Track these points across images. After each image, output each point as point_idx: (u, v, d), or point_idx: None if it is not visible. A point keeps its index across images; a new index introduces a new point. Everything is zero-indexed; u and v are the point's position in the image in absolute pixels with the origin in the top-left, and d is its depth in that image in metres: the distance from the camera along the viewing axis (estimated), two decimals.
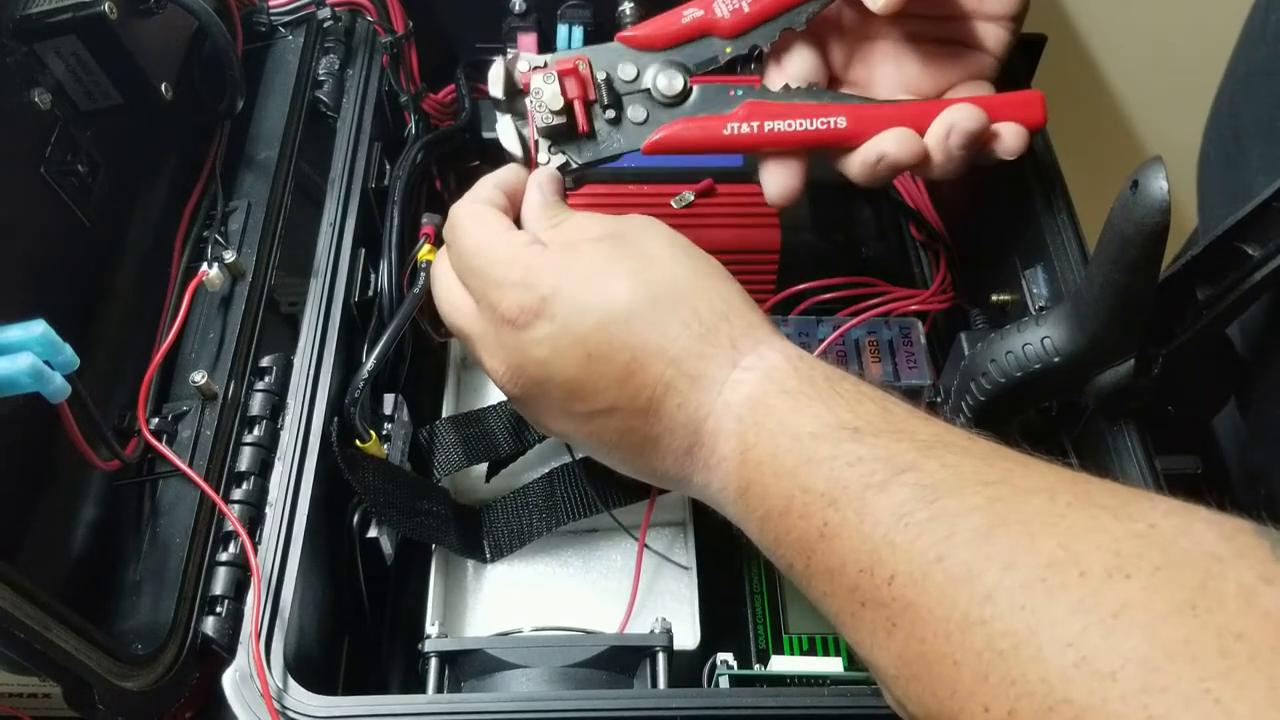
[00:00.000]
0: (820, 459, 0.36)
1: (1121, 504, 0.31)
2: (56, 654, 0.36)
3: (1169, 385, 0.44)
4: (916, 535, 0.32)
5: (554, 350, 0.41)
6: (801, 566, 0.36)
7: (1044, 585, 0.29)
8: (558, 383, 0.41)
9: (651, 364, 0.39)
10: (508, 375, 0.43)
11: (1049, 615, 0.29)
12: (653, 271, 0.41)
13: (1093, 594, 0.28)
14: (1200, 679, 0.26)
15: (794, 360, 0.39)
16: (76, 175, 0.49)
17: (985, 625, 0.30)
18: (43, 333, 0.36)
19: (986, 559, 0.30)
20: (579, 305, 0.40)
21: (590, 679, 0.44)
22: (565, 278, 0.41)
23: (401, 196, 0.56)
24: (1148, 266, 0.39)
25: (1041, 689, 0.28)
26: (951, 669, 0.30)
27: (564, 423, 0.43)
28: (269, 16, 0.62)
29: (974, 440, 0.35)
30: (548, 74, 0.47)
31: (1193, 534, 0.29)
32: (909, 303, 0.58)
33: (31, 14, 0.46)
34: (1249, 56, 0.53)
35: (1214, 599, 0.27)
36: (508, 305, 0.42)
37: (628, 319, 0.40)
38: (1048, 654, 0.28)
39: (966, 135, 0.47)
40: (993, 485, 0.33)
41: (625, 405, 0.40)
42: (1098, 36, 0.93)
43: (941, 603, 0.31)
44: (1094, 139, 0.95)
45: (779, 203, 0.49)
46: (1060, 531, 0.30)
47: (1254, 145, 0.50)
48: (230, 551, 0.44)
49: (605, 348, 0.40)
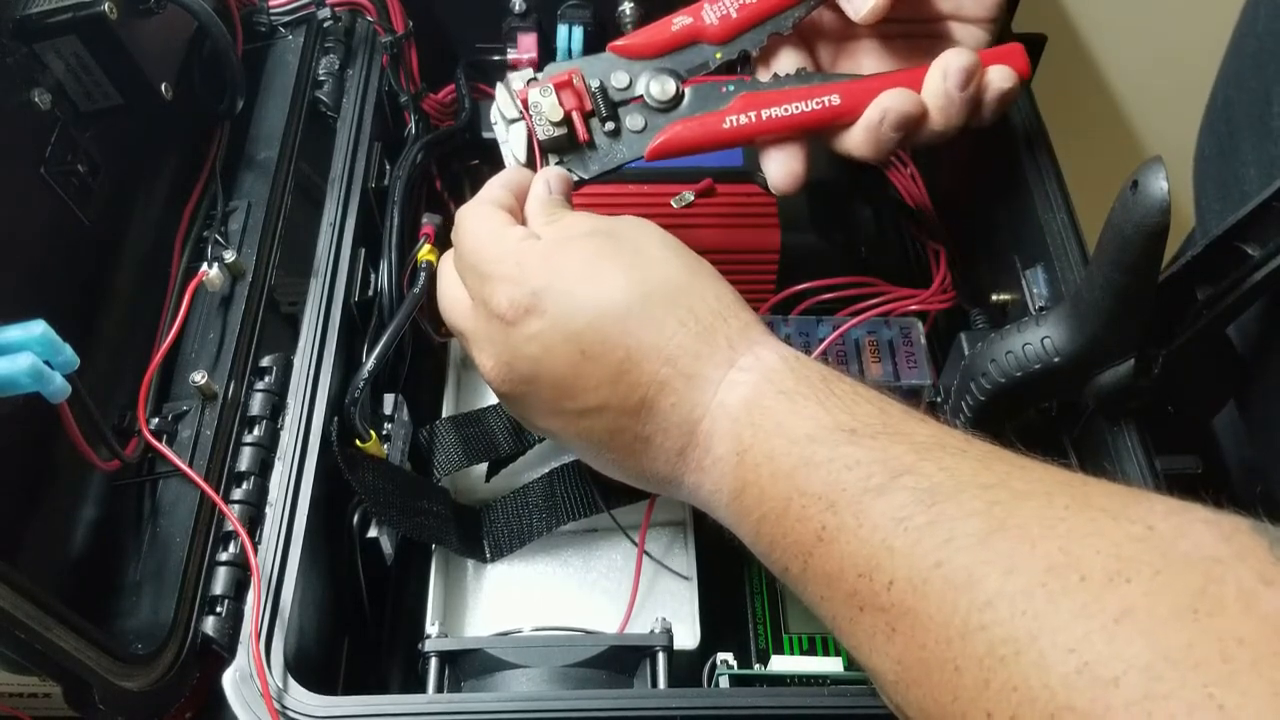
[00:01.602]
0: (818, 462, 0.35)
1: (1120, 506, 0.31)
2: (56, 654, 0.36)
3: (1169, 385, 0.44)
4: (916, 540, 0.32)
5: (545, 347, 0.40)
6: (798, 570, 0.36)
7: (1045, 590, 0.29)
8: (548, 380, 0.41)
9: (646, 362, 0.39)
10: (499, 372, 0.43)
11: (1050, 621, 0.28)
12: (647, 269, 0.41)
13: (1094, 599, 0.28)
14: (1203, 685, 0.25)
15: (790, 361, 0.39)
16: (76, 175, 0.49)
17: (986, 631, 0.29)
18: (43, 333, 0.36)
19: (986, 564, 0.30)
20: (571, 301, 0.40)
21: (590, 679, 0.44)
22: (557, 273, 0.41)
23: (401, 196, 0.56)
24: (1148, 266, 0.39)
25: (1044, 695, 0.28)
26: (953, 675, 0.30)
27: (554, 421, 0.43)
28: (269, 16, 0.62)
29: (971, 442, 0.35)
30: (544, 87, 0.48)
31: (1192, 536, 0.29)
32: (909, 303, 0.58)
33: (31, 14, 0.46)
34: (1240, 51, 0.53)
35: (1215, 603, 0.27)
36: (499, 300, 0.41)
37: (623, 316, 0.40)
38: (1050, 660, 0.28)
39: (962, 73, 0.47)
40: (991, 489, 0.32)
41: (617, 404, 0.40)
42: (1098, 36, 0.93)
43: (942, 608, 0.31)
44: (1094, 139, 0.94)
45: (784, 189, 0.49)
46: (1059, 535, 0.30)
47: (1245, 138, 0.50)
48: (230, 551, 0.44)
49: (598, 345, 0.40)
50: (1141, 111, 0.99)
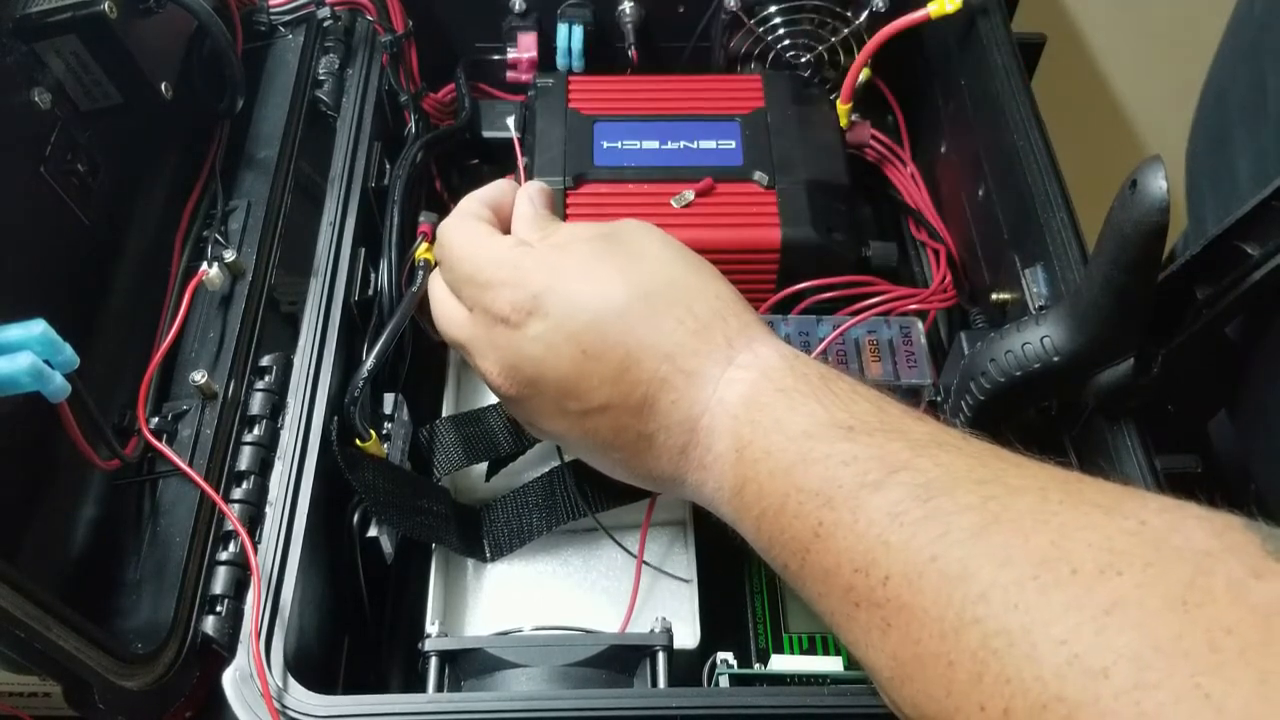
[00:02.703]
0: (815, 458, 0.35)
1: (1113, 502, 0.31)
2: (56, 653, 0.36)
3: (1168, 384, 0.44)
4: (911, 534, 0.32)
5: (548, 347, 0.41)
6: (796, 566, 0.36)
7: (1036, 583, 0.29)
8: (551, 380, 0.41)
9: (646, 360, 0.39)
10: (502, 375, 0.43)
11: (1042, 613, 0.29)
12: (646, 269, 0.41)
13: (1085, 591, 0.28)
14: (1191, 674, 0.26)
15: (789, 359, 0.39)
16: (76, 175, 0.49)
17: (980, 624, 0.30)
18: (42, 332, 0.36)
19: (980, 557, 0.30)
20: (572, 302, 0.40)
21: (590, 678, 0.44)
22: (557, 275, 0.41)
23: (401, 196, 0.56)
24: (1147, 266, 0.39)
25: (1035, 687, 0.28)
26: (946, 669, 0.30)
27: (558, 423, 0.43)
28: (269, 16, 0.62)
29: (967, 439, 0.35)
30: None
31: (1184, 530, 0.29)
32: (909, 302, 0.58)
33: (31, 13, 0.46)
34: (1235, 43, 0.53)
35: (1204, 594, 0.27)
36: (500, 304, 0.41)
37: (622, 315, 0.40)
38: (1041, 651, 0.28)
39: None
40: (986, 484, 0.33)
41: (619, 403, 0.40)
42: (1098, 36, 0.93)
43: (936, 602, 0.31)
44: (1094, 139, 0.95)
45: None
46: (1052, 529, 0.30)
47: (1237, 129, 0.50)
48: (230, 551, 0.44)
49: (599, 344, 0.40)
50: (1141, 111, 0.99)
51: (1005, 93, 0.58)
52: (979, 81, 0.60)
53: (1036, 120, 0.56)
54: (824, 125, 0.63)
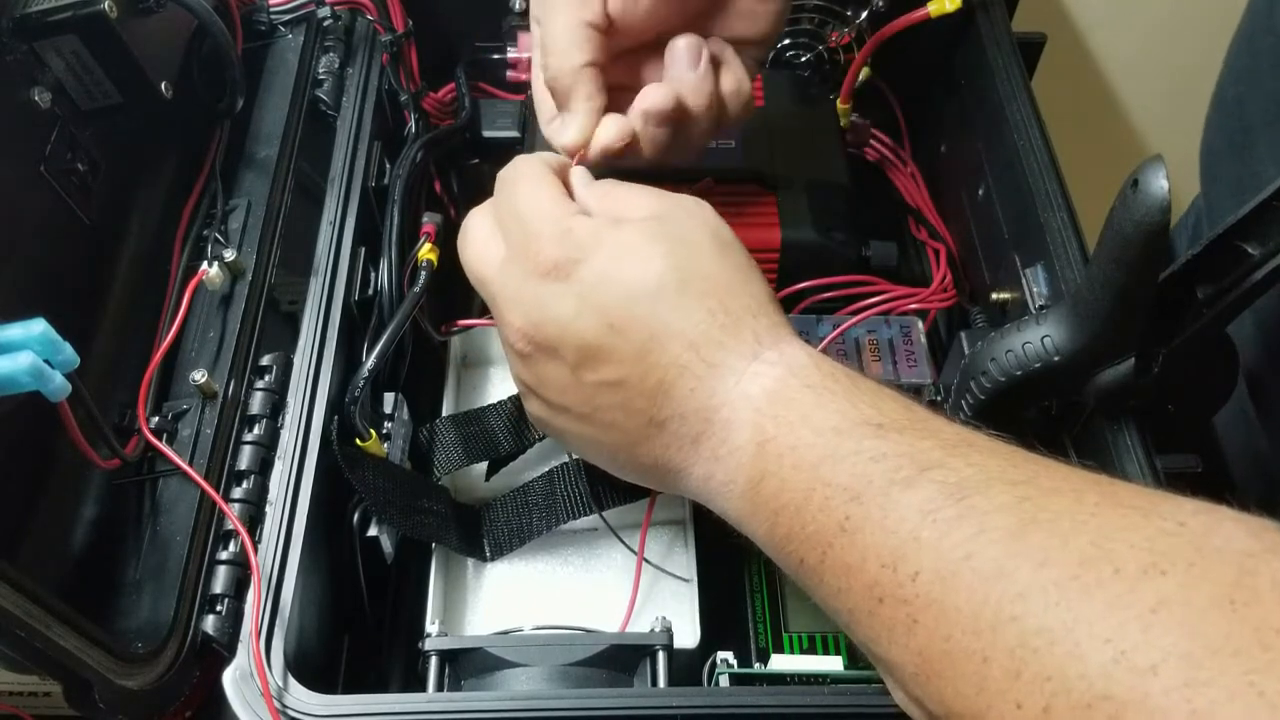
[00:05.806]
0: (843, 454, 0.35)
1: (1149, 504, 0.31)
2: (56, 652, 0.36)
3: (1169, 384, 0.44)
4: (944, 532, 0.32)
5: (577, 312, 0.40)
6: (815, 561, 0.36)
7: (1078, 582, 0.29)
8: (572, 346, 0.41)
9: (670, 344, 0.39)
10: (523, 331, 0.42)
11: (1085, 612, 0.29)
12: (689, 258, 0.41)
13: (1129, 590, 0.28)
14: (1244, 672, 0.26)
15: (816, 358, 0.39)
16: (76, 174, 0.49)
17: (1017, 621, 0.30)
18: (42, 331, 0.36)
19: (1018, 557, 0.31)
20: (607, 275, 0.40)
21: (590, 678, 0.44)
22: (603, 247, 0.41)
23: (401, 195, 0.56)
24: (1148, 265, 0.39)
25: (1080, 685, 0.28)
26: (980, 665, 0.30)
27: (565, 395, 0.42)
28: (269, 15, 0.62)
29: (997, 441, 0.35)
30: None
31: (1222, 531, 0.29)
32: (909, 301, 0.58)
33: (31, 13, 0.46)
34: (1253, 48, 0.53)
35: (1250, 593, 0.27)
36: (545, 257, 0.41)
37: (654, 298, 0.40)
38: (1085, 650, 0.28)
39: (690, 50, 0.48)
40: (1020, 485, 0.33)
41: (635, 382, 0.40)
42: (1098, 36, 0.93)
43: (970, 600, 0.31)
44: (1094, 139, 0.95)
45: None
46: (1091, 530, 0.30)
47: (1262, 136, 0.50)
48: (230, 550, 0.44)
49: (626, 320, 0.40)
50: (1141, 111, 0.99)
51: (1005, 92, 0.58)
52: (979, 81, 0.60)
53: (1036, 120, 0.56)
54: (824, 125, 0.63)
